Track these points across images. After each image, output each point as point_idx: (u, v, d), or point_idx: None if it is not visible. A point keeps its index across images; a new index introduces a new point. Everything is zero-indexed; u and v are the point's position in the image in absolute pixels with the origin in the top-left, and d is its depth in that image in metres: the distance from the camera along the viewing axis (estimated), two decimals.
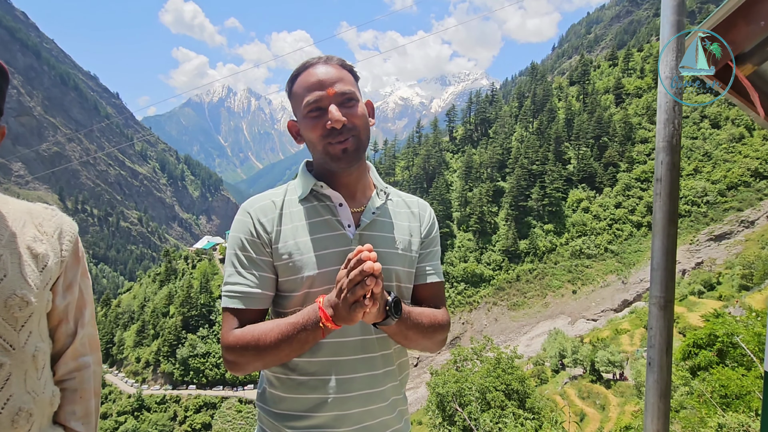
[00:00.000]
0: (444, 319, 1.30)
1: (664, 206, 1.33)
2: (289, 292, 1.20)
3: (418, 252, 1.33)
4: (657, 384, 1.32)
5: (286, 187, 1.30)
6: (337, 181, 1.26)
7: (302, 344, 1.09)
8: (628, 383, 32.97)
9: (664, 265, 1.32)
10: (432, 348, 1.30)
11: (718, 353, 7.14)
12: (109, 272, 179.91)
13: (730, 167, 65.87)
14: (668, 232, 1.32)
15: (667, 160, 1.34)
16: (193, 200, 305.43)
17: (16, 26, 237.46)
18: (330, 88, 1.17)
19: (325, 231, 1.21)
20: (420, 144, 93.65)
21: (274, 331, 1.09)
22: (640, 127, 76.66)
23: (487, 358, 19.59)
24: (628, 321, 47.92)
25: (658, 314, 1.32)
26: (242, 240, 1.19)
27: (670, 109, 1.35)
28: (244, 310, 1.16)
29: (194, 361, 59.23)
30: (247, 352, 1.11)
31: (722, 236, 60.76)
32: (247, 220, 1.20)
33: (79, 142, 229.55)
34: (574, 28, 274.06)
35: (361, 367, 1.20)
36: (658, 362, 1.31)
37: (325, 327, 1.05)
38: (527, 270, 66.79)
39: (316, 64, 1.21)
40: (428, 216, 1.40)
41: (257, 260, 1.18)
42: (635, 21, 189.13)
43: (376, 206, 1.28)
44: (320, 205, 1.24)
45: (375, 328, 1.20)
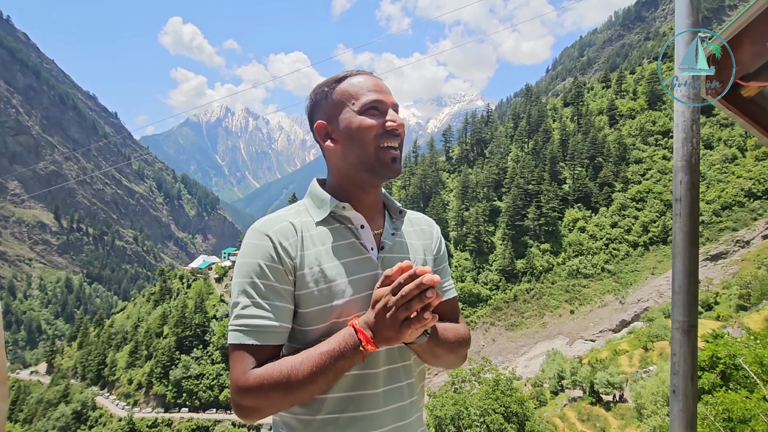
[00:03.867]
0: (466, 333, 1.28)
1: (684, 227, 1.28)
2: (312, 325, 1.07)
3: (433, 270, 1.26)
4: (682, 413, 1.24)
5: (298, 208, 1.17)
6: (357, 201, 1.17)
7: (339, 373, 0.99)
8: (628, 405, 32.50)
9: (686, 288, 1.26)
10: (457, 363, 1.27)
11: (721, 375, 7.05)
12: (102, 291, 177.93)
13: (724, 187, 66.48)
14: (690, 254, 1.26)
15: (687, 179, 1.29)
16: (189, 219, 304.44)
17: (17, 47, 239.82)
18: (389, 95, 1.14)
19: (350, 255, 1.11)
20: (416, 164, 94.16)
21: (305, 363, 0.97)
22: (634, 147, 77.56)
23: (485, 379, 19.34)
24: (626, 342, 47.54)
25: (682, 339, 1.26)
26: (261, 266, 1.03)
27: (687, 128, 1.31)
28: (260, 346, 1.01)
29: (187, 383, 58.09)
30: (274, 392, 0.96)
31: (718, 256, 60.92)
32: (267, 244, 1.05)
33: (76, 161, 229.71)
34: (567, 50, 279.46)
35: (392, 398, 1.11)
36: (683, 390, 1.24)
37: (366, 351, 0.97)
38: (524, 290, 66.49)
39: (365, 74, 1.15)
40: (436, 233, 1.38)
41: (279, 289, 1.04)
42: (627, 44, 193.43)
43: (394, 227, 1.23)
44: (341, 228, 1.14)
45: (399, 354, 1.14)
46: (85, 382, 66.85)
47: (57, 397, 59.28)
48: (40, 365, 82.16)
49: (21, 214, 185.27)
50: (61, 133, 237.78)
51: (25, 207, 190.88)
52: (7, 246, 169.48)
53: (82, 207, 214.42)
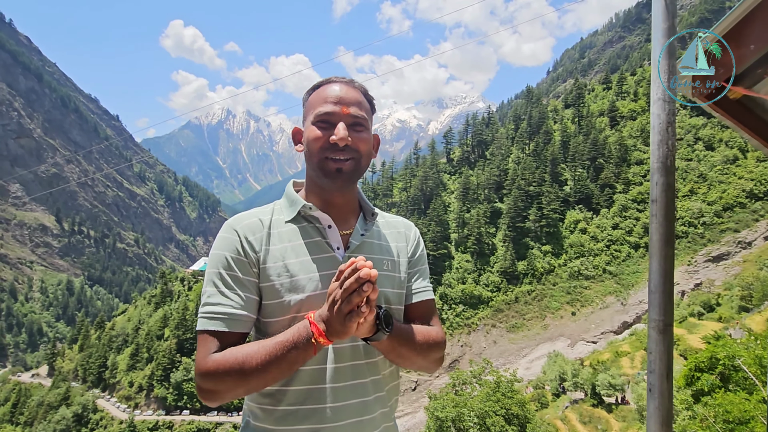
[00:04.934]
0: (438, 337, 1.26)
1: (660, 227, 1.30)
2: (274, 317, 1.13)
3: (407, 272, 1.32)
4: (658, 411, 1.26)
5: (273, 207, 1.27)
6: (325, 202, 1.24)
7: (291, 365, 1.03)
8: (629, 407, 32.43)
9: (662, 287, 1.28)
10: (428, 367, 1.27)
11: (720, 377, 7.04)
12: (103, 294, 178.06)
13: (726, 188, 66.39)
14: (665, 254, 1.28)
15: (662, 181, 1.31)
16: (190, 221, 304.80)
17: (19, 50, 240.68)
18: (345, 107, 1.16)
19: (314, 253, 1.18)
20: (417, 165, 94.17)
21: (259, 352, 1.02)
22: (635, 148, 77.52)
23: (486, 381, 19.30)
24: (628, 343, 47.44)
25: (658, 338, 1.27)
26: (227, 258, 1.12)
27: (663, 130, 1.33)
28: (226, 333, 1.08)
29: (188, 385, 58.05)
30: (229, 377, 1.02)
31: (720, 257, 60.79)
32: (234, 238, 1.15)
33: (77, 163, 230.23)
34: (568, 52, 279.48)
35: (352, 393, 1.15)
36: (659, 388, 1.26)
37: (318, 343, 1.00)
38: (526, 291, 66.40)
39: (340, 82, 1.21)
40: (413, 235, 1.39)
41: (243, 280, 1.12)
42: (627, 46, 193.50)
43: (364, 228, 1.27)
44: (309, 227, 1.21)
45: (365, 352, 1.18)
46: (86, 384, 66.84)
47: (58, 399, 59.29)
48: (41, 368, 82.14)
49: (22, 216, 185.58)
50: (63, 135, 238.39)
51: (26, 210, 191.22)
52: (9, 249, 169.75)
53: (84, 209, 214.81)
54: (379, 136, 1.35)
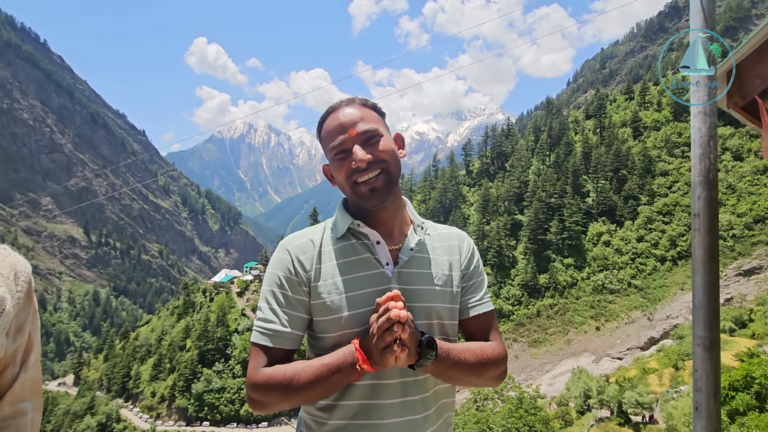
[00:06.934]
0: (495, 353, 1.24)
1: (703, 242, 1.27)
2: (324, 333, 1.18)
3: (460, 286, 1.30)
4: (706, 431, 1.23)
5: (324, 225, 1.29)
6: (373, 218, 1.26)
7: (334, 386, 1.09)
8: (659, 426, 31.27)
9: (707, 303, 1.25)
10: (486, 384, 1.26)
11: (755, 396, 6.73)
12: (128, 305, 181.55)
13: (756, 200, 64.25)
14: (710, 269, 1.26)
15: (705, 195, 1.29)
16: (212, 233, 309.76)
17: (53, 69, 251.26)
18: (351, 129, 1.19)
19: (363, 270, 1.20)
20: (436, 178, 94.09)
21: (306, 371, 1.08)
22: (660, 159, 75.86)
23: (508, 397, 18.90)
24: (655, 360, 45.94)
25: (703, 355, 1.24)
26: (280, 277, 1.18)
27: (704, 143, 1.31)
28: (272, 348, 1.15)
29: (209, 397, 58.50)
30: (276, 391, 1.09)
31: (751, 271, 58.62)
32: (286, 258, 1.20)
33: (105, 177, 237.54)
34: (588, 63, 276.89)
35: (401, 411, 1.16)
36: (706, 407, 1.22)
37: (362, 369, 1.05)
38: (548, 305, 65.10)
39: (338, 108, 1.23)
40: (467, 247, 1.38)
41: (292, 299, 1.17)
42: (650, 55, 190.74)
43: (414, 242, 1.26)
44: (358, 243, 1.23)
45: (414, 370, 1.17)
46: (110, 394, 67.99)
47: (83, 408, 60.33)
48: (67, 377, 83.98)
49: (53, 228, 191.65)
50: (92, 150, 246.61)
51: (56, 222, 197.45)
52: (39, 260, 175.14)
53: (111, 222, 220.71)
54: (402, 135, 1.38)
